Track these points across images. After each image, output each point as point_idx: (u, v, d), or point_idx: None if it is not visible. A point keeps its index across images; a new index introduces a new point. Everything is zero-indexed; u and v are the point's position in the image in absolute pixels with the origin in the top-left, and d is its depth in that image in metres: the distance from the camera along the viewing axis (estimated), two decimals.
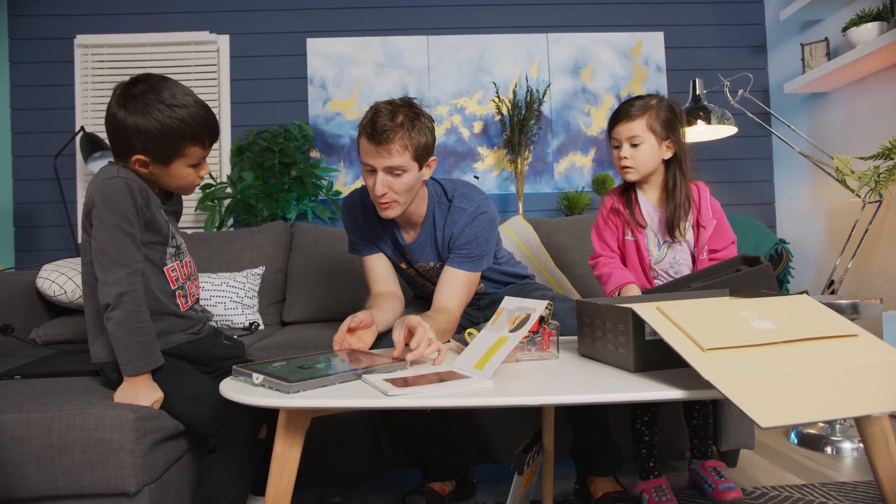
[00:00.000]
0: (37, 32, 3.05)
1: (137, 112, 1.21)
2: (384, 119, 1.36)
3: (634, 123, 1.53)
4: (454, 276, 1.53)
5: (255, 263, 2.40)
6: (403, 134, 1.37)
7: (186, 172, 1.30)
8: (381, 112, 1.37)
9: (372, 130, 1.36)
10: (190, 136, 1.25)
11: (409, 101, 1.43)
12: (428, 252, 1.61)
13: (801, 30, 2.95)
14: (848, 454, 1.93)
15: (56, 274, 2.03)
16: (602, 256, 1.63)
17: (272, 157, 2.89)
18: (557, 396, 0.93)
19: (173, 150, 1.25)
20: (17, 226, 3.02)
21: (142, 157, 1.25)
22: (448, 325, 1.45)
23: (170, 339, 1.34)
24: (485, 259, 1.56)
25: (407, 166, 1.40)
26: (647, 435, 1.57)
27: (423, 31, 3.14)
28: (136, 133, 1.22)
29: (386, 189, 1.40)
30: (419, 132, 1.40)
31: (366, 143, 1.39)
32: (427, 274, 1.66)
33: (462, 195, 1.56)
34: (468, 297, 1.57)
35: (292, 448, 1.01)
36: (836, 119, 2.76)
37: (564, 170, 3.15)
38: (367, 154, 1.40)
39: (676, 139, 1.55)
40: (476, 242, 1.52)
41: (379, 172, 1.39)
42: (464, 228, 1.52)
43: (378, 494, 1.74)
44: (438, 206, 1.57)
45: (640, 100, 1.55)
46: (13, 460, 1.14)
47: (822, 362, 0.91)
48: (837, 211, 2.74)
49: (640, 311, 0.99)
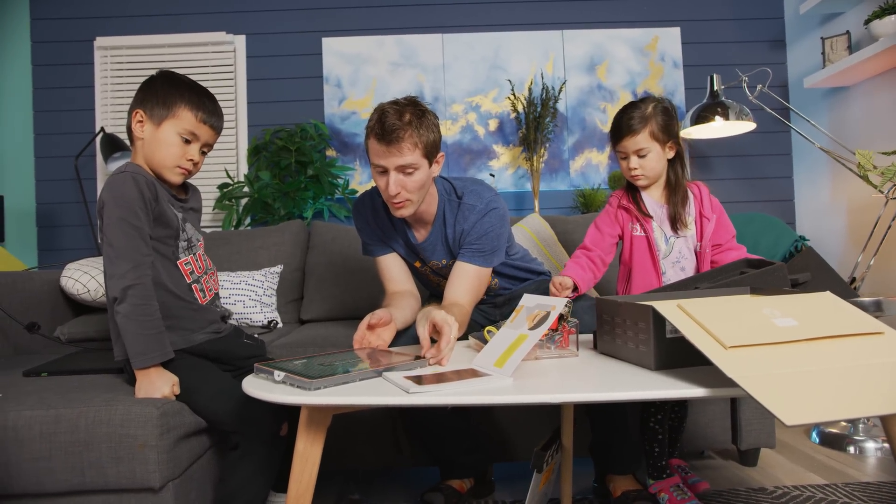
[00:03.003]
0: (58, 35, 3.09)
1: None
2: (392, 119, 1.36)
3: (639, 137, 1.56)
4: (465, 270, 1.53)
5: (273, 262, 2.42)
6: (413, 132, 1.38)
7: (174, 141, 1.33)
8: (388, 112, 1.38)
9: (381, 131, 1.37)
10: (186, 97, 1.33)
11: (413, 99, 1.44)
12: (440, 250, 1.61)
13: (821, 23, 2.91)
14: (872, 454, 1.91)
15: (79, 273, 2.06)
16: (583, 249, 1.68)
17: (288, 156, 2.91)
18: (578, 394, 0.93)
19: (166, 105, 1.32)
20: (40, 226, 3.07)
21: (140, 111, 1.32)
22: (462, 319, 1.44)
23: (191, 337, 1.36)
24: (496, 255, 1.56)
25: (418, 164, 1.40)
26: (660, 433, 1.57)
27: (438, 30, 3.14)
28: (145, 85, 1.35)
29: (399, 188, 1.41)
30: (427, 129, 1.41)
31: (376, 145, 1.40)
32: (441, 272, 1.66)
33: (472, 192, 1.56)
34: (479, 292, 1.56)
35: (314, 445, 1.02)
36: (858, 114, 2.72)
37: (580, 167, 3.14)
38: (377, 155, 1.40)
39: (676, 139, 1.60)
40: (487, 238, 1.53)
41: (391, 172, 1.40)
42: (475, 224, 1.53)
43: (397, 491, 1.75)
44: (448, 203, 1.58)
45: (637, 110, 1.57)
46: (42, 455, 1.16)
47: (846, 360, 0.90)
48: (859, 207, 2.70)
49: (661, 308, 0.98)
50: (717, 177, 3.15)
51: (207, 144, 1.39)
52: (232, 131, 3.08)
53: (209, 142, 1.39)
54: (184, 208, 1.41)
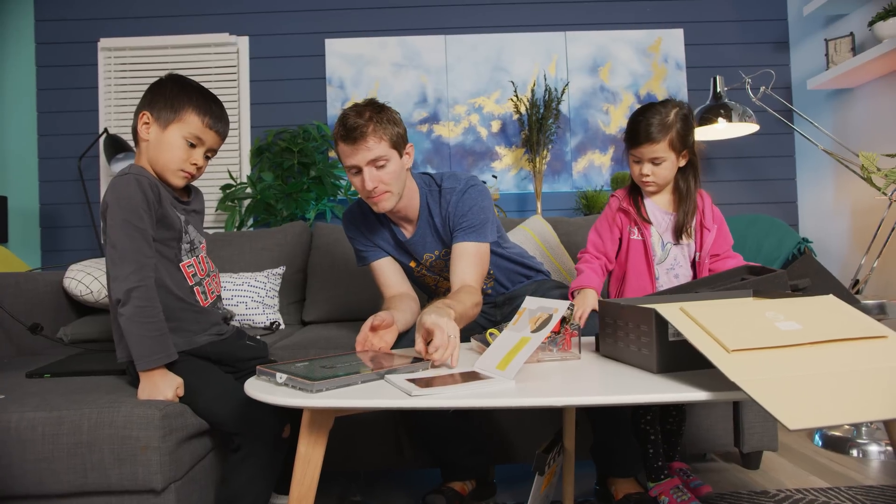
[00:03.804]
0: (62, 36, 3.10)
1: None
2: (353, 119, 1.44)
3: (658, 146, 1.52)
4: (463, 249, 1.55)
5: (275, 263, 2.43)
6: (375, 126, 1.44)
7: (179, 144, 1.33)
8: (349, 115, 1.45)
9: (345, 132, 1.44)
10: (194, 101, 1.33)
11: (371, 99, 1.51)
12: (430, 241, 1.64)
13: (825, 24, 2.90)
14: (875, 457, 1.90)
15: (82, 274, 2.06)
16: (589, 254, 1.65)
17: (291, 157, 2.91)
18: (581, 397, 0.93)
19: (174, 108, 1.31)
20: (43, 226, 3.08)
21: (147, 113, 1.32)
22: (472, 298, 1.44)
23: (193, 339, 1.36)
24: (487, 227, 1.58)
25: (387, 155, 1.47)
26: (652, 434, 1.58)
27: (441, 31, 3.14)
28: (154, 87, 1.36)
29: (376, 182, 1.46)
30: (388, 122, 1.47)
31: (344, 147, 1.46)
32: (436, 267, 1.68)
33: (450, 177, 1.62)
34: (482, 269, 1.57)
35: (316, 447, 1.02)
36: (862, 115, 2.71)
37: (583, 169, 3.13)
38: (348, 156, 1.47)
39: (691, 148, 1.58)
40: (472, 212, 1.56)
41: (364, 169, 1.46)
42: (458, 203, 1.57)
43: (398, 493, 1.75)
44: (430, 194, 1.62)
45: (658, 115, 1.52)
46: (45, 456, 1.16)
47: (850, 364, 0.90)
48: (862, 209, 2.69)
49: (664, 311, 0.98)
50: (719, 178, 3.15)
51: (212, 149, 1.39)
52: (235, 132, 3.08)
53: (214, 147, 1.39)
54: (186, 210, 1.41)
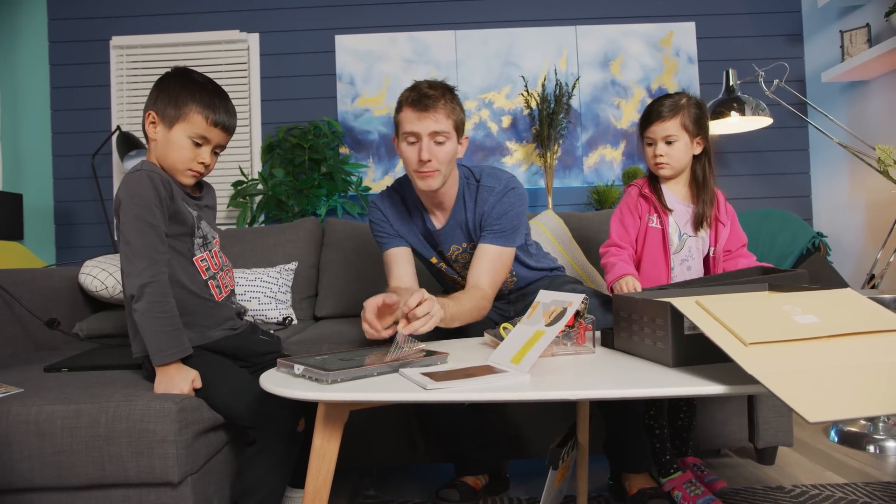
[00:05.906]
0: (74, 35, 3.13)
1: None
2: (426, 88, 1.45)
3: (669, 123, 1.57)
4: (486, 251, 1.54)
5: (287, 259, 2.44)
6: (446, 102, 1.46)
7: (185, 144, 1.32)
8: (422, 84, 1.47)
9: (417, 97, 1.45)
10: (197, 98, 1.32)
11: (442, 80, 1.54)
12: (458, 235, 1.62)
13: (839, 16, 2.87)
14: (892, 453, 1.88)
15: (97, 270, 2.08)
16: (615, 246, 1.64)
17: (302, 153, 2.92)
18: (596, 391, 0.93)
19: (177, 107, 1.31)
20: (58, 223, 3.11)
21: (152, 113, 1.33)
22: (477, 302, 1.44)
23: (207, 334, 1.37)
24: (517, 234, 1.57)
25: (450, 133, 1.47)
26: (657, 428, 1.59)
27: (451, 26, 3.13)
28: (158, 84, 1.35)
29: (430, 156, 1.45)
30: (458, 104, 1.51)
31: (410, 112, 1.46)
32: (458, 262, 1.66)
33: (489, 174, 1.60)
34: (501, 274, 1.56)
35: (331, 441, 1.03)
36: (877, 108, 2.67)
37: (594, 163, 3.12)
38: (411, 122, 1.46)
39: (705, 135, 1.60)
40: (507, 217, 1.55)
41: (424, 138, 1.45)
42: (494, 205, 1.55)
43: (412, 488, 1.76)
44: (467, 187, 1.60)
45: (670, 99, 1.59)
46: (63, 449, 1.18)
47: (868, 357, 0.89)
48: (878, 203, 2.66)
49: (680, 305, 0.98)
50: (733, 173, 3.12)
51: (219, 146, 1.39)
52: (246, 129, 3.09)
53: (221, 143, 1.38)
54: (198, 206, 1.42)
